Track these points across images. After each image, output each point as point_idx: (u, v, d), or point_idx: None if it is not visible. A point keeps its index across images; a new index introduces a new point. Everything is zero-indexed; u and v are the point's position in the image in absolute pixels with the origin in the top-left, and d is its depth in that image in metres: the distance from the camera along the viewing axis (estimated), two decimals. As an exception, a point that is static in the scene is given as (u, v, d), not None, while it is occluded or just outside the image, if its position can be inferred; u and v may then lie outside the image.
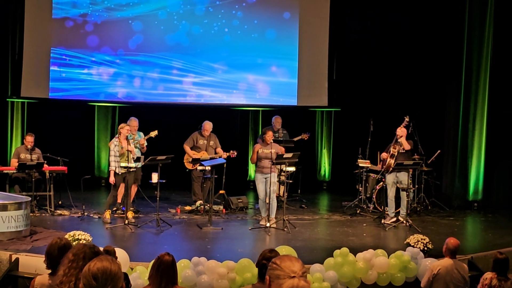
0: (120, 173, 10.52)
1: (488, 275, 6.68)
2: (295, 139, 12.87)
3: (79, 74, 13.89)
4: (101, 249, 5.50)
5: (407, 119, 10.97)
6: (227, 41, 14.16)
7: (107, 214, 10.51)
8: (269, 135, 10.53)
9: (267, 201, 10.39)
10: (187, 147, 11.79)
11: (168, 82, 14.08)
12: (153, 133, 11.15)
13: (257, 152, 10.49)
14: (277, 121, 12.90)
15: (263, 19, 14.20)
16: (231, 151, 11.75)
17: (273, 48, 14.25)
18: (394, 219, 10.79)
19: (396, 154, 10.85)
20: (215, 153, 11.78)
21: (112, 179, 10.50)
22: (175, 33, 14.04)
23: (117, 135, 10.76)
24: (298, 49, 14.28)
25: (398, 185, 10.95)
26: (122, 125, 10.69)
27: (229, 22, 14.14)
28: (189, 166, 11.78)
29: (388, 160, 10.90)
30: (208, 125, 11.81)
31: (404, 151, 10.88)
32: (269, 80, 14.27)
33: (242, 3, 14.16)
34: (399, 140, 10.94)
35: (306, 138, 13.09)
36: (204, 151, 11.77)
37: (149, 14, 13.97)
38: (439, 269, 6.67)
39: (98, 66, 13.94)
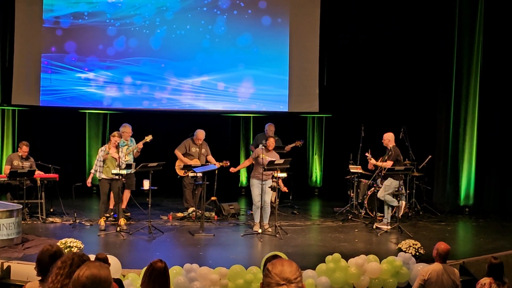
0: (100, 178, 10.60)
1: (485, 280, 6.65)
2: (289, 146, 12.92)
3: (69, 81, 13.84)
4: (93, 256, 5.50)
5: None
6: (217, 48, 14.13)
7: (102, 221, 10.56)
8: (271, 142, 10.66)
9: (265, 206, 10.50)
10: (179, 153, 11.76)
11: (159, 89, 14.04)
12: (148, 138, 11.26)
13: (258, 158, 10.50)
14: (270, 128, 12.90)
15: (252, 25, 14.20)
16: (224, 161, 11.71)
17: (264, 54, 14.25)
18: (389, 226, 10.78)
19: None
20: (206, 161, 11.77)
21: (88, 181, 11.04)
22: (166, 40, 14.02)
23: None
24: (288, 55, 14.27)
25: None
26: (114, 133, 10.73)
27: (216, 28, 14.12)
28: (180, 173, 11.76)
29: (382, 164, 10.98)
30: (201, 134, 11.79)
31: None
32: (260, 86, 14.25)
33: (226, 8, 14.15)
34: (375, 164, 11.23)
35: (299, 145, 13.14)
36: (196, 159, 11.75)
37: (135, 20, 13.98)
38: (430, 274, 6.66)
39: (89, 73, 13.90)
